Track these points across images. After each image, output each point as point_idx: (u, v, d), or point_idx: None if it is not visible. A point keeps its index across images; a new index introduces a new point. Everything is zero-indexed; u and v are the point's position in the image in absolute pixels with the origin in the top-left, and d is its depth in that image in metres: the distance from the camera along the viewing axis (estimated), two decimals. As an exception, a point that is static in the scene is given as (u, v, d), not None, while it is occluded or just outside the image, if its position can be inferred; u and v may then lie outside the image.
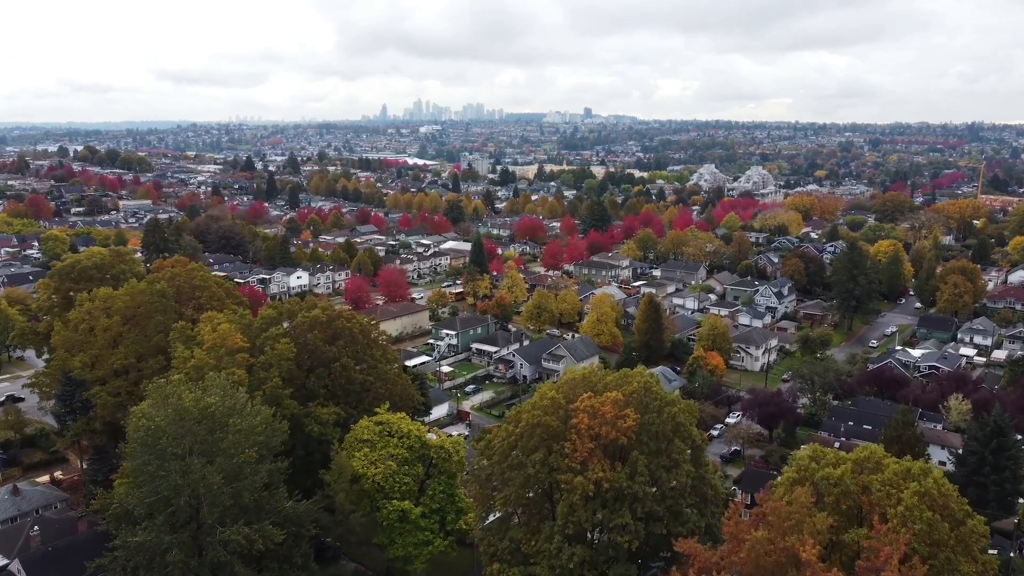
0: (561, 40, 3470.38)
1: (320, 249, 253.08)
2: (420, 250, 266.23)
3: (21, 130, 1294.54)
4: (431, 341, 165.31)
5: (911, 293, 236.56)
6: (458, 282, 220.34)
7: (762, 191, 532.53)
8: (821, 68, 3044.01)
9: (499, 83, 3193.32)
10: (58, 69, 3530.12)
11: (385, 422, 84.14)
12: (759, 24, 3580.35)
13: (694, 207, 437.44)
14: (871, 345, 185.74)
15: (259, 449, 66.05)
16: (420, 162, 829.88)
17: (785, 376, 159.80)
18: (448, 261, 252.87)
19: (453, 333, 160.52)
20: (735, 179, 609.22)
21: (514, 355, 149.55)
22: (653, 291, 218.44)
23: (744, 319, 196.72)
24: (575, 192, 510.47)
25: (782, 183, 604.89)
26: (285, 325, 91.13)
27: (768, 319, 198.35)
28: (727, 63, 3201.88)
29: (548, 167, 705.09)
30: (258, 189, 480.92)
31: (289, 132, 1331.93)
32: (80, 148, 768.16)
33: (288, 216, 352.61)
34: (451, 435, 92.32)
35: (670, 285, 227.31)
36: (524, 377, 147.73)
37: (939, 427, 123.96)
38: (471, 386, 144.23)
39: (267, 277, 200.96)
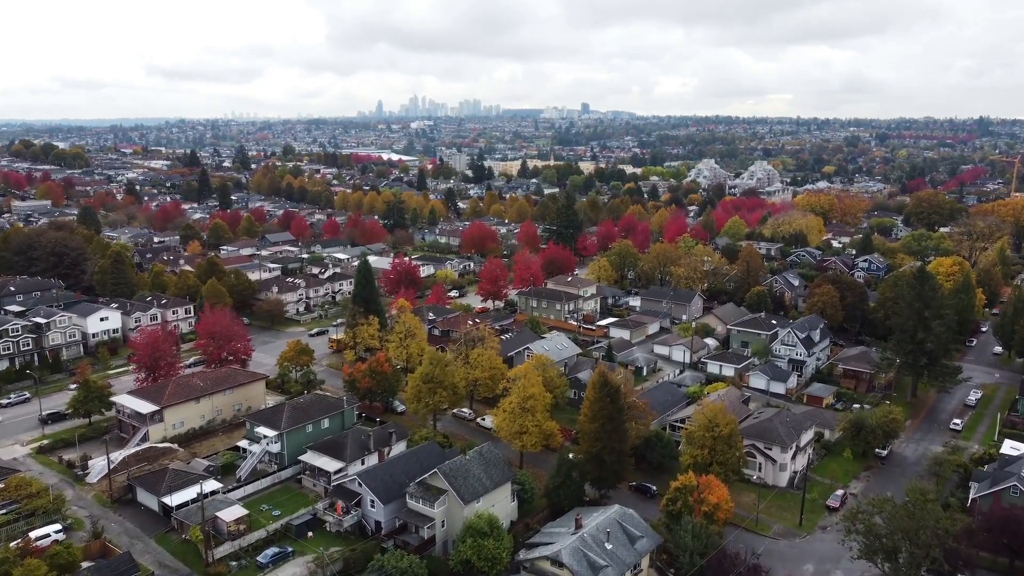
0: (557, 33, 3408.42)
1: (186, 269, 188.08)
2: (317, 271, 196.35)
3: (9, 127, 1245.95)
4: (242, 443, 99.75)
5: (983, 329, 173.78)
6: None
7: (768, 188, 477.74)
8: (823, 63, 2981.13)
9: (496, 79, 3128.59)
10: (51, 65, 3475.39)
11: None
12: (760, 15, 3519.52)
13: (691, 208, 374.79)
14: (954, 427, 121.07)
15: None
16: (396, 157, 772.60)
17: (832, 501, 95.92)
18: (351, 286, 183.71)
19: (273, 434, 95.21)
20: (737, 175, 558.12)
21: (359, 484, 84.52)
22: (627, 335, 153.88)
23: (758, 380, 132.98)
24: (558, 190, 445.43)
25: (788, 180, 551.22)
26: None
27: (793, 381, 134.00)
28: (727, 58, 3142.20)
29: (536, 163, 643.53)
30: (189, 187, 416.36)
31: (277, 128, 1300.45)
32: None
33: (188, 220, 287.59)
34: None
35: (652, 323, 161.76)
36: (378, 525, 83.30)
37: None
38: (272, 550, 79.23)
39: (44, 322, 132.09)
